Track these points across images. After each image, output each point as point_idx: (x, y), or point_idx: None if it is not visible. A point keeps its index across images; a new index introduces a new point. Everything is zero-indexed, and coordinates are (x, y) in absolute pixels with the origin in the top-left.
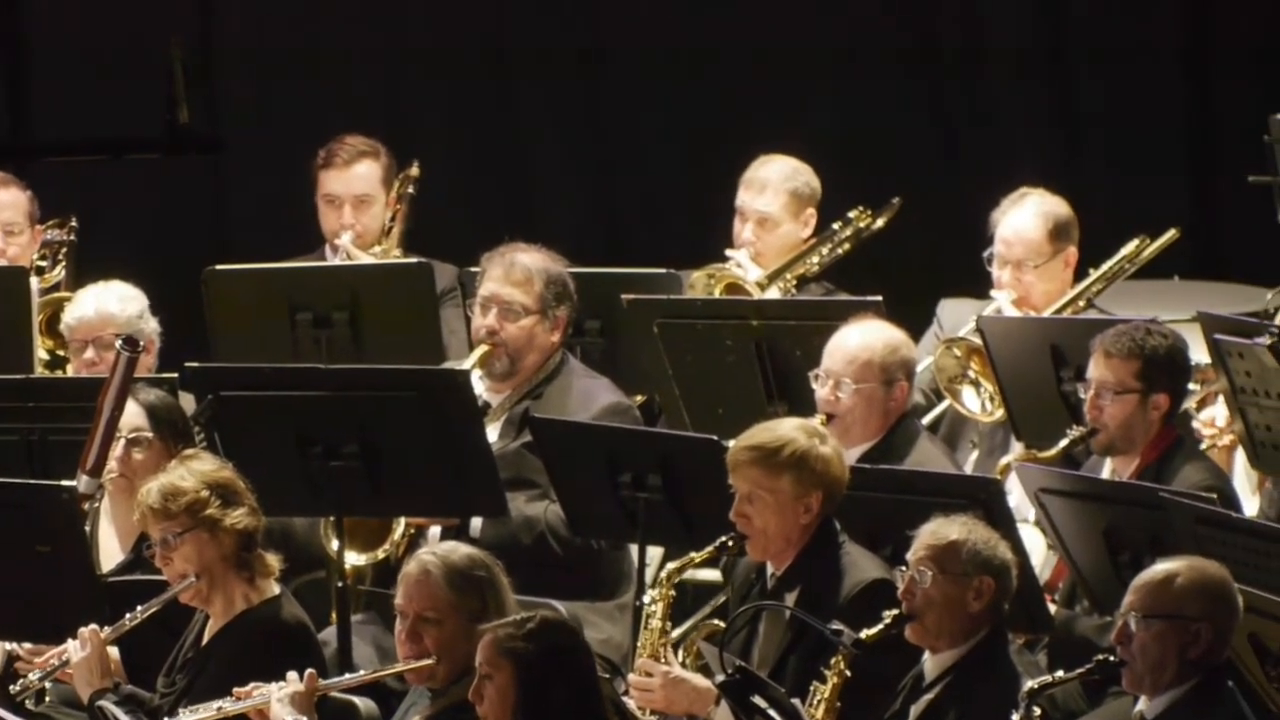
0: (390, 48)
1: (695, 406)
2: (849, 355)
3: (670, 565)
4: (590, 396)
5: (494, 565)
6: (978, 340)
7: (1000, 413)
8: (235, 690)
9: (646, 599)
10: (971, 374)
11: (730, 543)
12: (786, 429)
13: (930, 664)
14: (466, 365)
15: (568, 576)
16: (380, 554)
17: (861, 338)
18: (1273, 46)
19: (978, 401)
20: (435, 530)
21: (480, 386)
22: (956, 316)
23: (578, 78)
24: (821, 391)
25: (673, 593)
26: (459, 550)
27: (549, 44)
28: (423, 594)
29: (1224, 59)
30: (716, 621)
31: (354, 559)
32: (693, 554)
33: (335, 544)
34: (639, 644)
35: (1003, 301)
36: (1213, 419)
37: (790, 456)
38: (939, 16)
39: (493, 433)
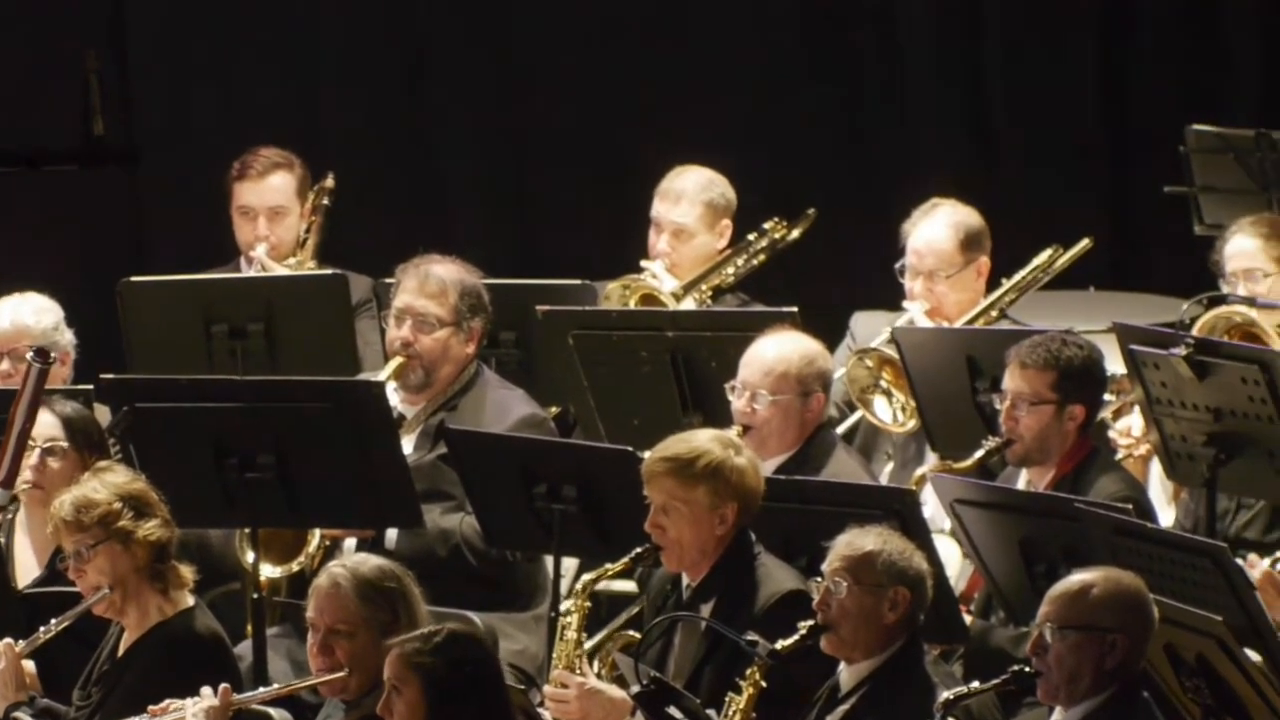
0: (305, 59)
1: (610, 418)
2: (765, 367)
3: (586, 576)
4: (505, 408)
5: (405, 576)
6: (890, 350)
7: (913, 423)
8: (150, 709)
9: (562, 609)
10: (884, 384)
11: (646, 554)
12: (702, 440)
13: (846, 675)
14: (381, 377)
15: (483, 588)
16: (295, 566)
17: (778, 349)
18: (1189, 56)
19: (890, 412)
20: (350, 542)
21: (395, 398)
22: (869, 329)
23: (492, 88)
24: (738, 403)
25: (588, 604)
26: (369, 562)
27: (463, 55)
28: (333, 606)
29: (1140, 69)
30: (632, 633)
31: (269, 571)
32: (608, 565)
33: (250, 556)
34: (554, 655)
35: (915, 312)
36: (1129, 429)
37: (705, 468)
38: (853, 26)
39: (408, 444)
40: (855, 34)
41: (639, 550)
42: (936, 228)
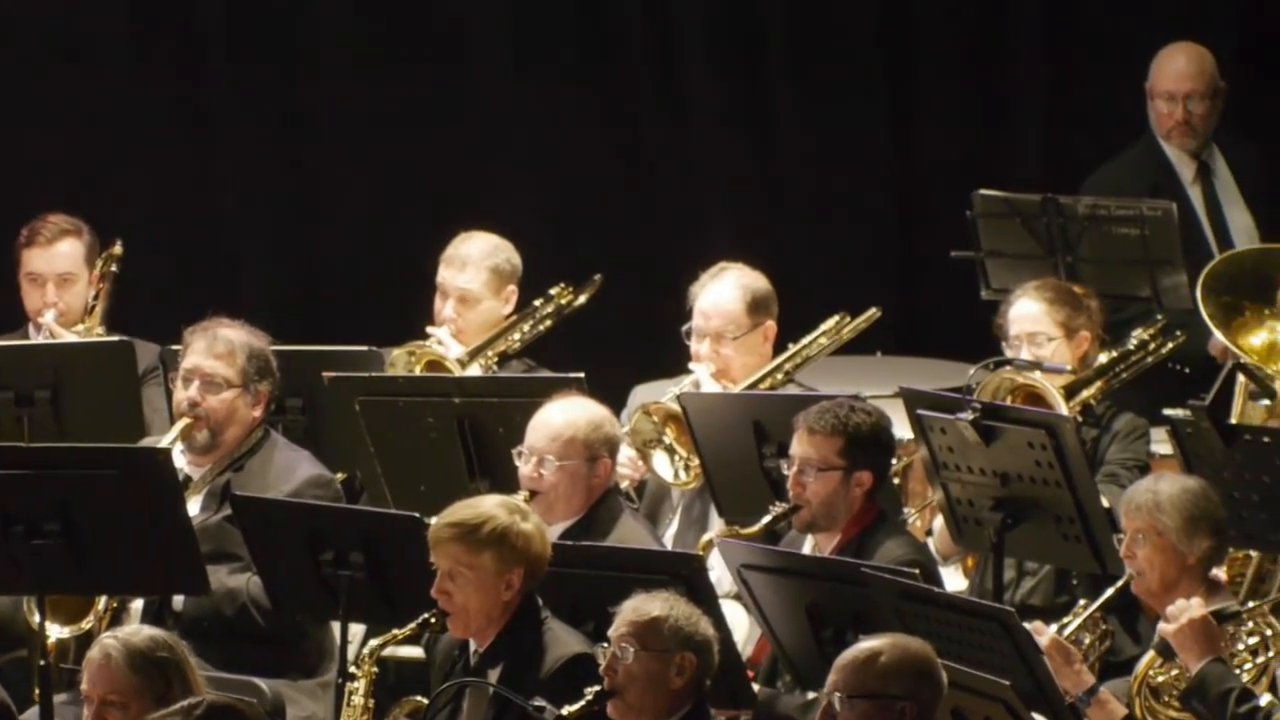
0: (91, 125)
1: (397, 484)
2: (552, 432)
3: (372, 642)
4: (291, 469)
5: (178, 646)
6: (675, 406)
7: (694, 481)
8: None
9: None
10: (666, 440)
11: (432, 620)
12: (487, 506)
13: None
14: (168, 438)
15: (271, 653)
16: (85, 625)
17: (565, 415)
18: (974, 122)
19: (670, 469)
20: (138, 603)
21: (182, 460)
22: (650, 401)
23: (278, 154)
24: (525, 468)
25: (375, 670)
26: (142, 632)
27: (250, 122)
28: (105, 678)
29: (926, 135)
30: (419, 698)
31: (58, 631)
32: (395, 631)
33: (37, 618)
34: None
35: (701, 374)
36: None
37: (491, 533)
38: (641, 96)
39: (194, 506)
40: (644, 103)
41: (426, 616)
42: (724, 290)
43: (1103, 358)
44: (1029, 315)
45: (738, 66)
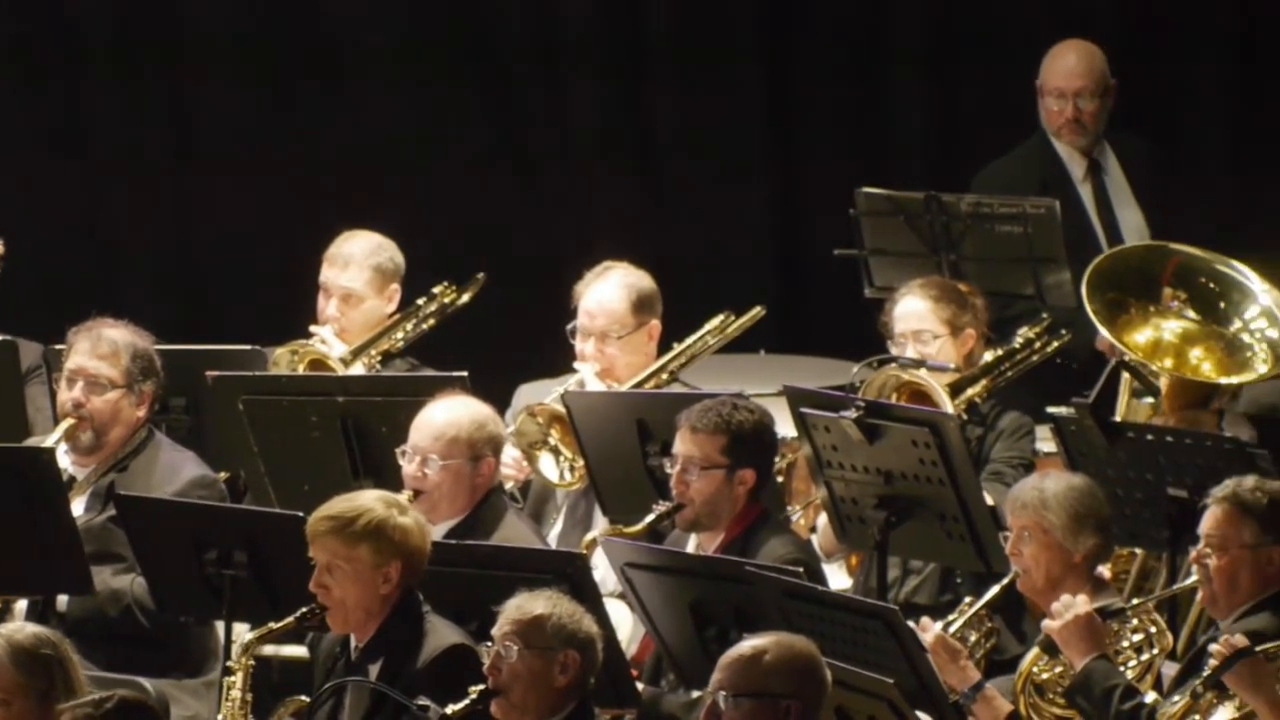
0: None
1: (281, 483)
2: (436, 431)
3: (249, 635)
4: (175, 470)
5: (62, 643)
6: (560, 407)
7: (579, 482)
8: None
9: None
10: (552, 441)
11: (311, 614)
12: (365, 499)
13: None
14: (52, 439)
15: (155, 654)
16: None
17: (448, 414)
18: (857, 121)
19: (556, 470)
20: (22, 603)
21: (66, 460)
22: (535, 400)
23: (160, 153)
24: (408, 468)
25: (252, 663)
26: (25, 629)
27: (131, 121)
28: None
29: (809, 133)
30: (302, 697)
31: None
32: (271, 624)
33: None
34: (221, 717)
35: (586, 374)
36: None
37: (367, 526)
38: (523, 94)
39: (79, 506)
40: (524, 99)
41: (304, 610)
42: (609, 289)
43: (988, 356)
44: (914, 313)
45: (619, 66)
